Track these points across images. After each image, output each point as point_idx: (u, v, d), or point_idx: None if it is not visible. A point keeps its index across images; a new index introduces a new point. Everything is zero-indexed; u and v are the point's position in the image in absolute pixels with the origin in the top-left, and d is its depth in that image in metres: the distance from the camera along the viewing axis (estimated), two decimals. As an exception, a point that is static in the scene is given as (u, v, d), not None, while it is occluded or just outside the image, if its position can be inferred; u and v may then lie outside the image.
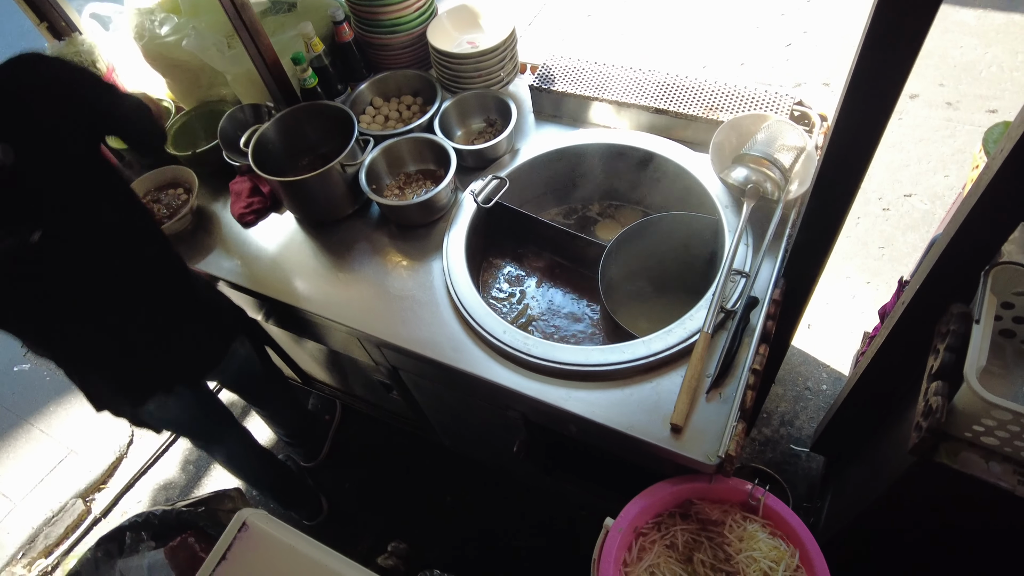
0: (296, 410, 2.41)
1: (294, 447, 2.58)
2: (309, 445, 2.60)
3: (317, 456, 2.64)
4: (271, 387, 2.19)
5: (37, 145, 1.30)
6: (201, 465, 2.77)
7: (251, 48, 1.77)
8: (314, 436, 2.61)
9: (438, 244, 1.76)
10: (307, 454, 2.62)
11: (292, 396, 2.34)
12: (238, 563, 1.25)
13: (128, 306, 1.54)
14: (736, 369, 1.42)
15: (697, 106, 1.79)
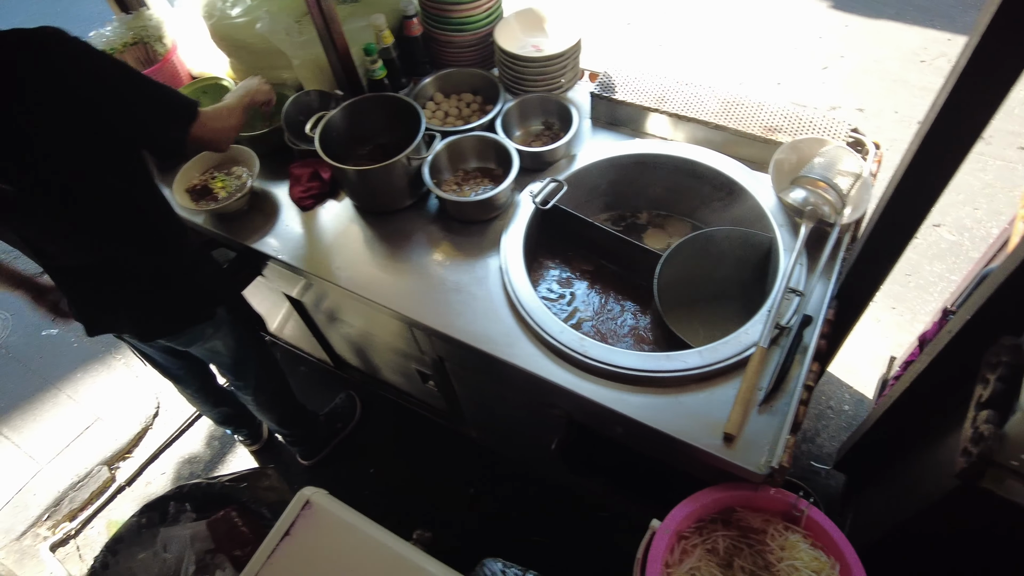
0: (279, 412, 2.39)
1: (287, 440, 2.61)
2: (305, 445, 2.61)
3: (312, 458, 2.65)
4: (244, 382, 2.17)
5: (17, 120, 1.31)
6: (226, 441, 2.81)
7: (324, 35, 1.80)
8: (312, 439, 2.61)
9: (494, 241, 1.80)
10: (302, 452, 2.65)
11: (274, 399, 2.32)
12: (300, 540, 1.29)
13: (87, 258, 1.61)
14: (788, 384, 1.46)
15: (755, 125, 1.83)
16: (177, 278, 1.74)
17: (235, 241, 1.93)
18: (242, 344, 2.00)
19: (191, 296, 1.79)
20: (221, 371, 2.12)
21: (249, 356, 2.07)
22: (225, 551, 1.78)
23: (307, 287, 2.03)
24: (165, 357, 2.05)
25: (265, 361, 2.19)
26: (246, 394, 2.22)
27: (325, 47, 1.84)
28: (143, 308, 1.75)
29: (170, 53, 2.18)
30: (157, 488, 2.73)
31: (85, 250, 1.58)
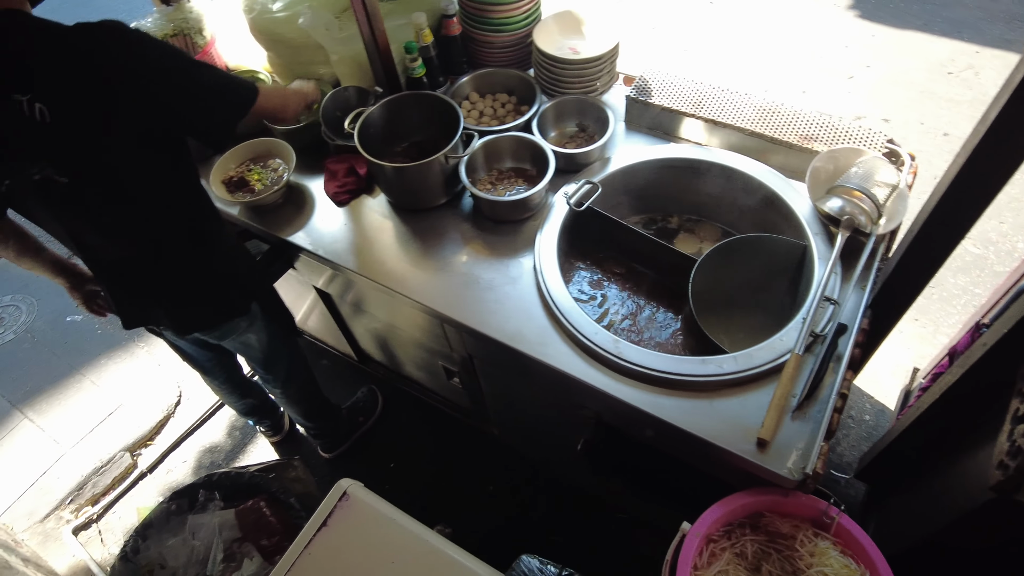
0: (305, 406, 2.41)
1: (310, 433, 2.63)
2: (327, 439, 2.63)
3: (333, 451, 2.67)
4: (274, 376, 2.18)
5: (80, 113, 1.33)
6: (247, 431, 2.83)
7: (366, 32, 1.82)
8: (334, 433, 2.63)
9: (527, 241, 1.82)
10: (323, 446, 2.67)
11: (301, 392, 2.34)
12: (337, 531, 1.30)
13: (131, 250, 1.62)
14: (821, 391, 1.47)
15: (792, 133, 1.83)
16: (216, 271, 1.75)
17: (269, 233, 1.95)
18: (274, 339, 2.02)
19: (228, 290, 1.80)
20: (251, 364, 2.14)
21: (280, 351, 2.09)
22: (252, 540, 1.80)
23: (338, 281, 2.05)
24: (195, 349, 2.07)
25: (295, 355, 2.21)
26: (275, 387, 2.24)
27: (366, 43, 1.85)
28: (181, 301, 1.76)
29: (209, 45, 2.20)
30: (178, 476, 2.75)
31: (129, 242, 1.60)
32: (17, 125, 1.30)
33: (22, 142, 1.34)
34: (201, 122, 1.51)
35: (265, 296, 1.95)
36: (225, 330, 1.86)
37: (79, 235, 1.58)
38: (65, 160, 1.37)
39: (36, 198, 1.45)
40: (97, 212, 1.49)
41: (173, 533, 1.82)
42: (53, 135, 1.33)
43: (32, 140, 1.33)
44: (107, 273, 1.72)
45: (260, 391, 2.55)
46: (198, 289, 1.75)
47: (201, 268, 1.72)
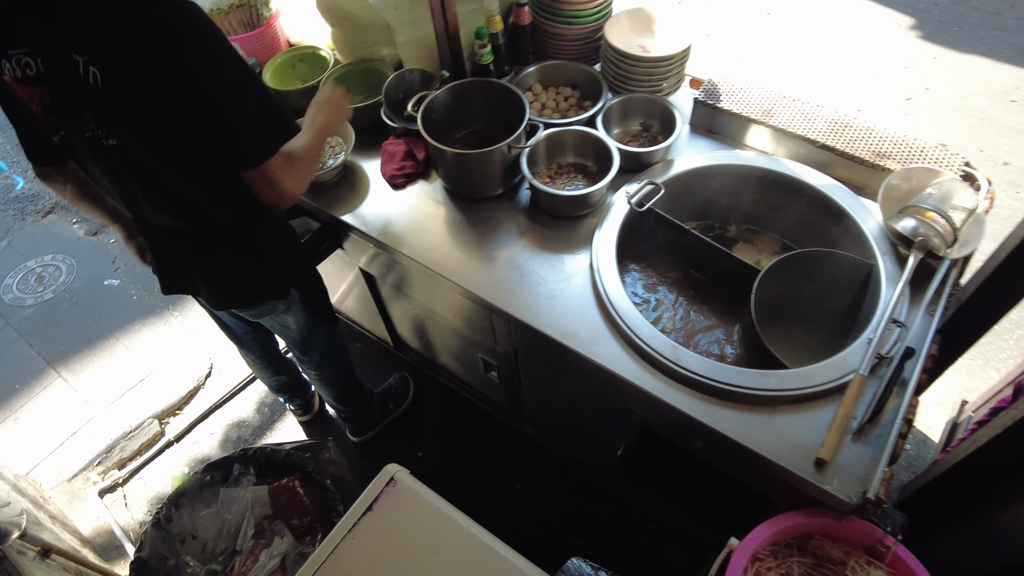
0: (339, 390, 2.39)
1: (340, 415, 2.61)
2: (357, 423, 2.62)
3: (362, 435, 2.66)
4: (309, 357, 2.16)
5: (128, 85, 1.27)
6: (276, 409, 2.83)
7: (438, 15, 1.80)
8: (365, 417, 2.61)
9: (584, 238, 1.78)
10: (353, 429, 2.65)
11: (336, 376, 2.31)
12: (383, 516, 1.28)
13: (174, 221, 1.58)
14: (884, 415, 1.42)
15: (864, 149, 1.78)
16: (257, 252, 1.71)
17: (323, 211, 1.94)
18: (311, 323, 1.99)
19: (268, 272, 1.76)
20: (288, 344, 2.12)
21: (317, 334, 2.06)
22: (283, 518, 1.79)
23: (386, 264, 2.03)
24: (233, 321, 2.06)
25: (332, 339, 2.19)
26: (310, 368, 2.22)
27: (436, 26, 1.83)
28: (221, 277, 1.73)
29: (273, 18, 2.20)
30: (204, 448, 2.76)
31: (172, 214, 1.56)
32: (73, 83, 1.27)
33: (76, 100, 1.32)
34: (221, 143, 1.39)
35: (305, 282, 1.92)
36: (261, 310, 1.84)
37: (126, 196, 1.56)
38: (111, 127, 1.34)
39: (87, 154, 1.44)
40: (142, 180, 1.46)
41: (206, 504, 1.81)
42: (103, 100, 1.30)
43: (84, 100, 1.31)
44: (152, 235, 1.70)
45: (294, 369, 2.54)
46: (237, 268, 1.71)
47: (243, 247, 1.68)
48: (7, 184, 4.01)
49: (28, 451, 2.75)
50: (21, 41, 1.27)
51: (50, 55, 1.27)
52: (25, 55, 1.26)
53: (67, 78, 1.28)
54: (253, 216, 1.63)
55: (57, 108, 1.33)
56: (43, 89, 1.30)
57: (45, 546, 1.87)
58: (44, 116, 1.36)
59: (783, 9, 4.41)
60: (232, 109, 1.34)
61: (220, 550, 1.74)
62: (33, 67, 1.27)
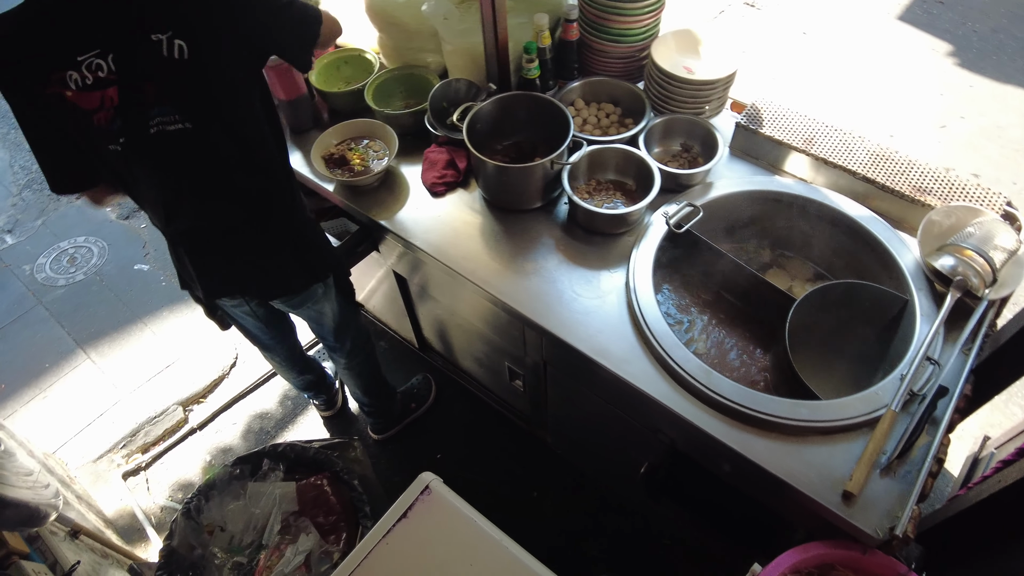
0: (366, 380, 2.42)
1: (363, 409, 2.64)
2: (379, 419, 2.65)
3: (384, 432, 2.70)
4: (341, 344, 2.20)
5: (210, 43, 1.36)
6: (299, 403, 2.86)
7: (488, 27, 1.81)
8: (388, 413, 2.64)
9: (620, 256, 1.80)
10: (375, 425, 2.69)
11: (364, 365, 2.34)
12: (417, 524, 1.30)
13: (232, 202, 1.61)
14: (914, 452, 1.43)
15: (904, 183, 1.79)
16: (304, 236, 1.78)
17: (363, 214, 1.96)
18: (344, 309, 2.04)
19: (311, 257, 1.81)
20: (321, 333, 2.15)
21: (349, 321, 2.11)
22: (310, 515, 1.82)
23: (421, 270, 2.06)
24: (259, 326, 2.07)
25: (361, 327, 2.24)
26: (340, 356, 2.25)
27: (486, 37, 1.85)
28: (273, 264, 1.75)
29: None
30: (226, 437, 2.79)
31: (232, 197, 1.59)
32: (155, 66, 1.31)
33: (157, 86, 1.34)
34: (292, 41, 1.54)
35: (338, 268, 1.97)
36: (305, 296, 1.87)
37: (171, 200, 1.56)
38: (192, 105, 1.38)
39: (146, 154, 1.44)
40: (202, 168, 1.50)
41: (234, 497, 1.84)
42: (188, 72, 1.33)
43: (166, 82, 1.34)
44: (196, 236, 1.68)
45: (318, 367, 2.57)
46: (285, 252, 1.75)
47: (294, 231, 1.74)
48: (43, 164, 4.07)
49: (55, 430, 2.80)
50: (91, 43, 1.29)
51: (126, 47, 1.30)
52: (96, 56, 1.29)
53: (148, 64, 1.31)
54: (296, 202, 1.72)
55: (123, 109, 1.35)
56: (114, 90, 1.32)
57: (75, 527, 1.91)
58: (108, 124, 1.36)
59: (819, 29, 4.40)
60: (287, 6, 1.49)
61: (247, 543, 1.77)
62: (104, 68, 1.30)
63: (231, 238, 1.68)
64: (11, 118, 4.33)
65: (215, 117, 1.44)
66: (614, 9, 1.89)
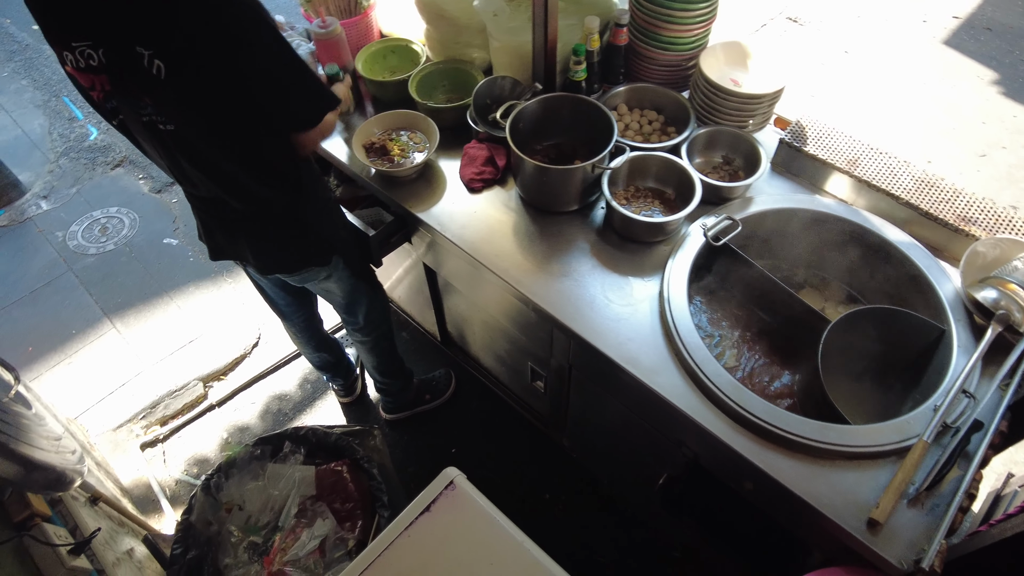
0: (380, 358, 2.42)
1: (378, 386, 2.65)
2: (392, 398, 2.67)
3: (394, 413, 2.72)
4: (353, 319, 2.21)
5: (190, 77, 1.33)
6: (319, 387, 2.88)
7: (539, 27, 1.81)
8: (401, 396, 2.66)
9: (655, 265, 1.79)
10: (386, 405, 2.71)
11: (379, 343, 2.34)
12: (439, 518, 1.30)
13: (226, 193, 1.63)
14: (943, 485, 1.41)
15: (948, 212, 1.76)
16: (301, 223, 1.77)
17: (399, 205, 1.97)
18: (356, 287, 2.05)
19: (311, 242, 1.83)
20: (334, 307, 2.18)
21: (360, 298, 2.11)
22: (327, 501, 1.83)
23: (451, 263, 2.06)
24: (276, 291, 2.12)
25: (376, 304, 2.21)
26: (354, 330, 2.27)
27: (535, 37, 1.84)
28: (266, 244, 1.80)
29: (371, 8, 2.23)
30: (244, 416, 2.81)
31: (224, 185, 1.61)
32: (136, 74, 1.31)
33: (138, 90, 1.36)
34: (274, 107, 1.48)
35: (349, 250, 1.97)
36: (305, 276, 1.90)
37: (176, 172, 1.60)
38: (170, 114, 1.39)
39: (144, 135, 1.49)
40: (193, 160, 1.52)
41: (253, 477, 1.85)
42: (165, 90, 1.34)
43: (146, 89, 1.35)
44: (201, 205, 1.76)
45: (337, 348, 2.59)
46: (281, 237, 1.78)
47: (286, 219, 1.74)
48: (81, 133, 4.12)
49: (78, 396, 2.84)
50: (83, 35, 1.30)
51: (113, 48, 1.31)
52: (88, 47, 1.30)
53: (130, 69, 1.31)
54: (295, 193, 1.70)
55: (116, 95, 1.38)
56: (104, 77, 1.34)
57: (95, 494, 1.93)
58: (104, 102, 1.40)
59: (862, 48, 4.35)
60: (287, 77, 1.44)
61: (263, 524, 1.79)
62: (95, 58, 1.31)
63: (228, 213, 1.72)
64: (53, 85, 4.43)
65: (195, 125, 1.44)
66: (666, 17, 1.88)
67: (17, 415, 1.52)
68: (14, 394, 1.58)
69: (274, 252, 1.82)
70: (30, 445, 1.46)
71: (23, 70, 4.64)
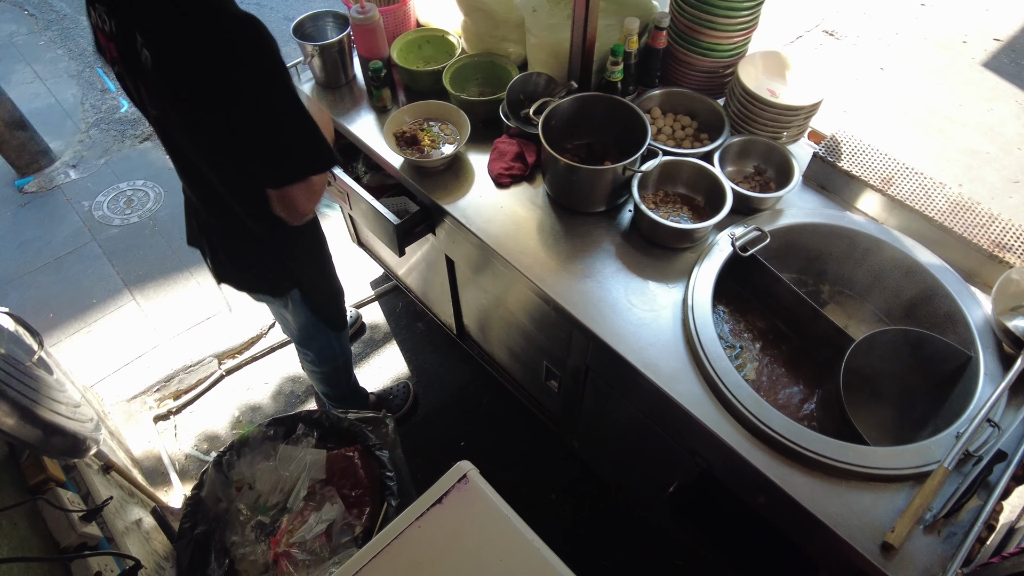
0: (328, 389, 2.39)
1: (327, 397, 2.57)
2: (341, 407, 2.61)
3: None
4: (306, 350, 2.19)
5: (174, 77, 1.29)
6: (331, 371, 2.89)
7: (579, 25, 1.80)
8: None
9: (680, 272, 1.78)
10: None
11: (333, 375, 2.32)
12: (451, 512, 1.30)
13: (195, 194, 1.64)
14: (962, 513, 1.39)
15: (983, 237, 1.73)
16: (267, 250, 1.74)
17: (426, 196, 1.96)
18: (311, 323, 2.01)
19: (270, 268, 1.79)
20: (287, 335, 2.17)
21: (315, 335, 2.08)
22: (336, 485, 1.82)
23: (473, 256, 2.05)
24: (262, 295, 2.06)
25: (332, 342, 2.17)
26: (305, 360, 2.27)
27: (574, 36, 1.83)
28: (224, 254, 1.78)
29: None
30: (257, 395, 2.83)
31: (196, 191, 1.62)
32: (131, 56, 1.32)
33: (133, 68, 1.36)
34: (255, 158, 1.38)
35: (313, 287, 1.91)
36: (257, 298, 1.90)
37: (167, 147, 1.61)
38: (153, 102, 1.40)
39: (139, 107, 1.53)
40: (172, 150, 1.55)
41: (265, 457, 1.86)
42: (149, 79, 1.33)
43: (136, 72, 1.36)
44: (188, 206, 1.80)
45: None
46: (239, 254, 1.75)
47: (248, 238, 1.68)
48: (112, 105, 4.16)
49: (95, 365, 2.86)
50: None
51: (119, 23, 1.32)
52: (105, 12, 1.33)
53: (128, 48, 1.32)
54: (265, 219, 1.56)
55: (119, 64, 1.40)
56: (113, 45, 1.36)
57: (108, 462, 1.95)
58: (112, 65, 1.43)
59: (898, 67, 4.30)
60: (273, 130, 1.34)
61: (271, 504, 1.79)
62: (109, 25, 1.33)
63: (198, 213, 1.73)
64: (87, 56, 4.46)
65: (174, 123, 1.41)
66: (708, 23, 1.86)
67: (39, 380, 1.54)
68: (37, 359, 1.59)
69: (227, 264, 1.81)
70: (50, 410, 1.47)
71: (59, 40, 4.68)
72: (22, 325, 1.79)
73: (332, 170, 1.57)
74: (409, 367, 2.90)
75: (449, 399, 2.78)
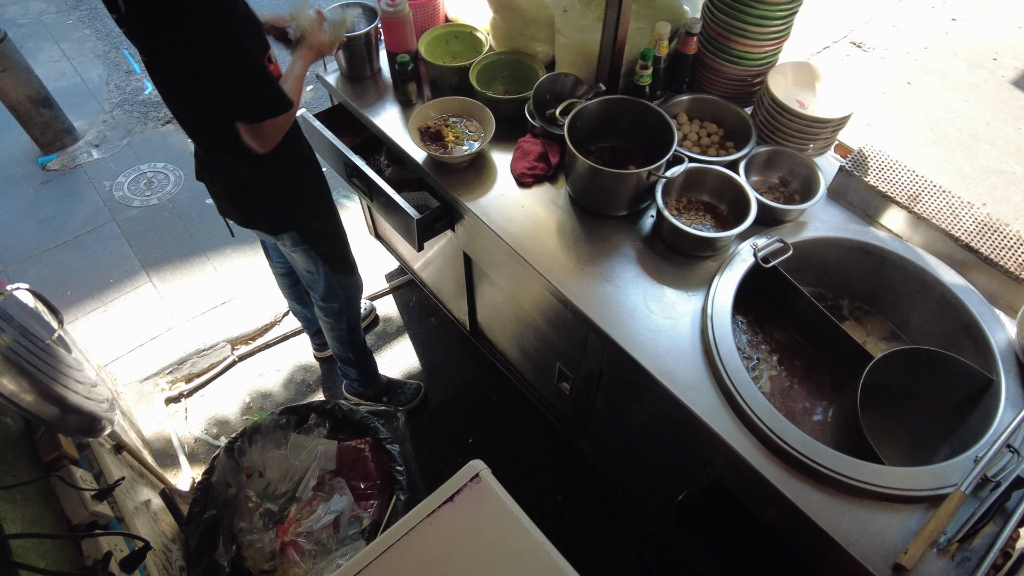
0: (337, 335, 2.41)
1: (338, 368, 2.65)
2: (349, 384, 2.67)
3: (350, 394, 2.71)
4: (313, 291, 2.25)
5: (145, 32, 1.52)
6: (343, 362, 2.89)
7: (610, 27, 1.79)
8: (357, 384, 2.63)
9: (700, 280, 1.77)
10: (347, 386, 2.70)
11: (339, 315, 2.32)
12: (461, 510, 1.30)
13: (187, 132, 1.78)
14: (977, 539, 1.38)
15: (1010, 259, 1.71)
16: (259, 191, 1.86)
17: (447, 192, 1.96)
18: (316, 266, 2.08)
19: (259, 207, 1.91)
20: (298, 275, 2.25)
21: (319, 280, 2.15)
22: (346, 477, 1.83)
23: (492, 255, 2.05)
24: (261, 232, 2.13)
25: (337, 293, 2.21)
26: (319, 310, 2.32)
27: (604, 38, 1.82)
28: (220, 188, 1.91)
29: (431, -4, 2.23)
30: (268, 383, 2.84)
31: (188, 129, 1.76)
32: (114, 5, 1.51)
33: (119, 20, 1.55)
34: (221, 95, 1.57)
35: (310, 230, 2.00)
36: (258, 234, 2.02)
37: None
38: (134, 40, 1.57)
39: None
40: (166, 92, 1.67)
41: (276, 445, 1.86)
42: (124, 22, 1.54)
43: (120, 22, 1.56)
44: None
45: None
46: (234, 189, 1.88)
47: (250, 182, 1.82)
48: (137, 87, 4.18)
49: (109, 345, 2.88)
50: None
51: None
52: None
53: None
54: (251, 168, 1.77)
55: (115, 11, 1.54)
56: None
57: (120, 442, 1.96)
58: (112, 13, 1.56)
59: (926, 82, 4.25)
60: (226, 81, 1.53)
61: (281, 492, 1.80)
62: None
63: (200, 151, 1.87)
64: (114, 37, 4.49)
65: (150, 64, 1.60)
66: (740, 31, 1.85)
67: (58, 357, 1.54)
68: (57, 337, 1.60)
69: (225, 200, 1.93)
70: (68, 388, 1.48)
71: (87, 19, 4.71)
72: (42, 302, 1.80)
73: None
74: (420, 361, 2.90)
75: (459, 395, 2.78)
